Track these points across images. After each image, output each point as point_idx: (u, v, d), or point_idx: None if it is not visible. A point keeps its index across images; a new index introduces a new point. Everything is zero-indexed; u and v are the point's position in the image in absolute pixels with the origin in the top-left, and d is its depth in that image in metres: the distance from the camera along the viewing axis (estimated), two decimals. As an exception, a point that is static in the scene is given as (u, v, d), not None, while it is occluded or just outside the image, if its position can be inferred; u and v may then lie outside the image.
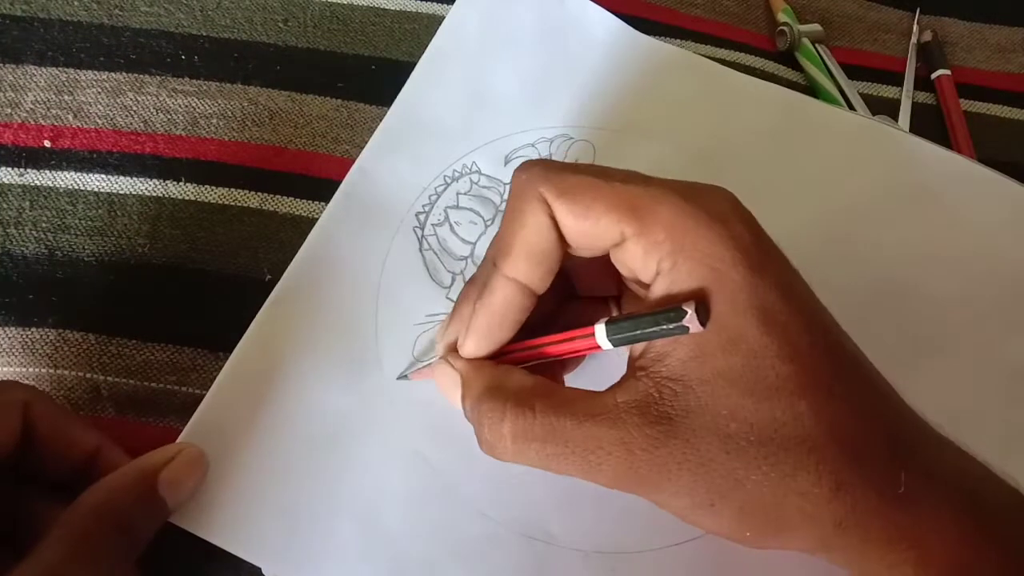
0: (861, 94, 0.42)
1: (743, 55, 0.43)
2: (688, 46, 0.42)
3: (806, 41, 0.43)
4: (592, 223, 0.24)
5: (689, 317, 0.22)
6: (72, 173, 0.36)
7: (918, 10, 0.46)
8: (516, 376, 0.26)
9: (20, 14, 0.39)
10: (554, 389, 0.25)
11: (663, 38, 0.41)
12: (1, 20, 0.39)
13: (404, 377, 0.32)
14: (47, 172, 0.36)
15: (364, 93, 0.39)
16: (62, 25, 0.39)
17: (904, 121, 0.42)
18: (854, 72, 0.43)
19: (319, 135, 0.38)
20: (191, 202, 0.36)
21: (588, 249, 0.25)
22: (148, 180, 0.36)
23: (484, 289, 0.26)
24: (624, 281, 0.28)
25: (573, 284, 0.30)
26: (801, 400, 0.22)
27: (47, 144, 0.36)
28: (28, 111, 0.37)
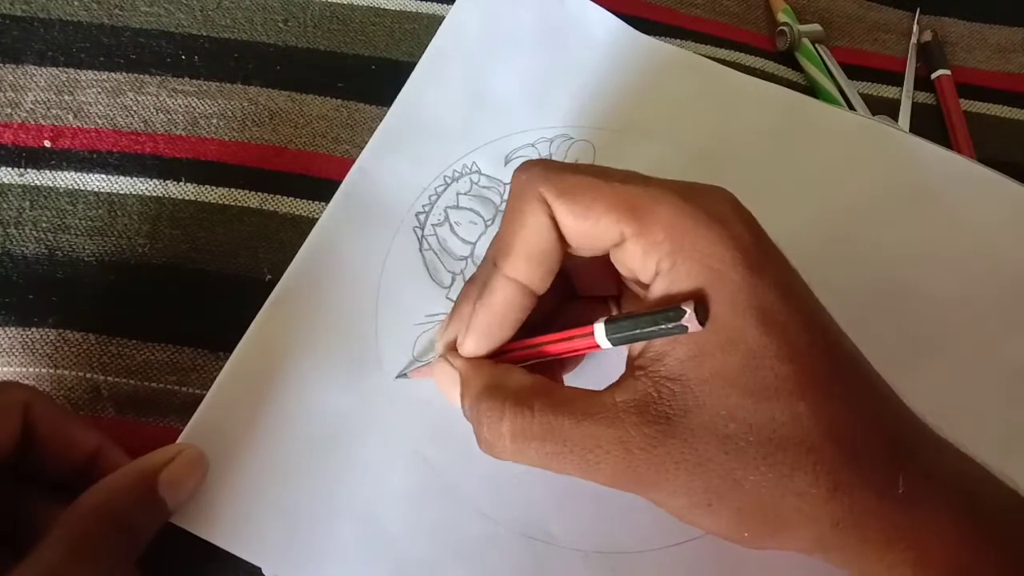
0: (861, 94, 0.42)
1: (743, 55, 0.43)
2: (688, 46, 0.42)
3: (806, 41, 0.43)
4: (592, 223, 0.24)
5: (688, 317, 0.22)
6: (72, 173, 0.36)
7: (918, 10, 0.46)
8: (515, 375, 0.26)
9: (20, 14, 0.40)
10: (553, 388, 0.25)
11: (663, 38, 0.41)
12: (1, 20, 0.39)
13: (403, 375, 0.32)
14: (47, 172, 0.36)
15: (364, 93, 0.39)
16: (62, 25, 0.39)
17: (904, 121, 0.42)
18: (854, 72, 0.43)
19: (319, 135, 0.38)
20: (191, 202, 0.36)
21: (588, 249, 0.25)
22: (148, 180, 0.36)
23: (484, 289, 0.26)
24: (624, 281, 0.28)
25: (573, 284, 0.30)
26: (800, 400, 0.22)
27: (47, 144, 0.37)
28: (28, 111, 0.37)
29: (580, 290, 0.30)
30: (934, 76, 0.44)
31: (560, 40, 0.40)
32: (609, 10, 0.40)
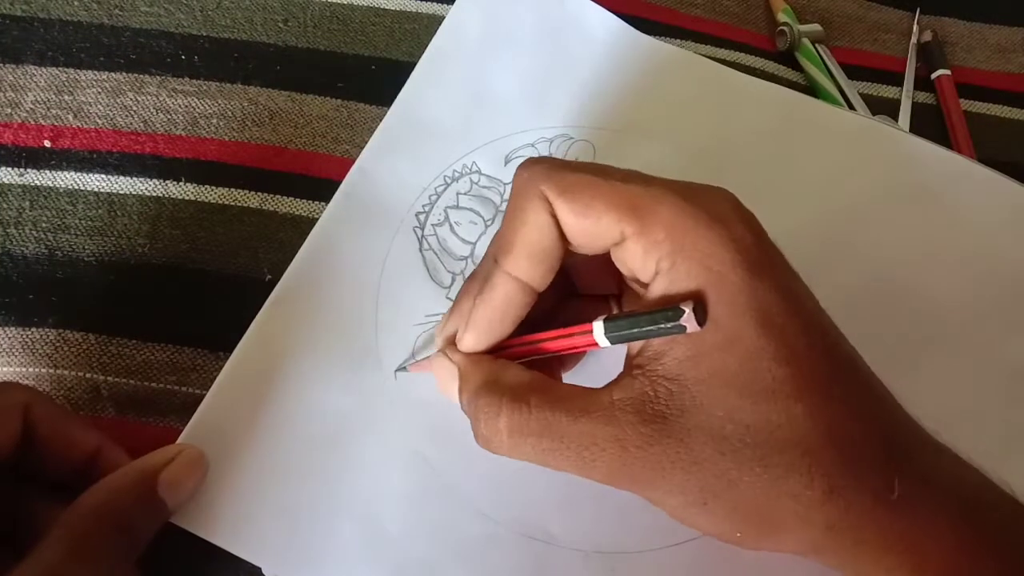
0: (861, 94, 0.42)
1: (743, 55, 0.43)
2: (688, 46, 0.42)
3: (806, 41, 0.43)
4: (592, 222, 0.24)
5: (687, 316, 0.22)
6: (72, 173, 0.36)
7: (918, 10, 0.46)
8: (513, 371, 0.26)
9: (20, 14, 0.40)
10: (551, 385, 0.25)
11: (663, 38, 0.41)
12: (1, 20, 0.39)
13: (403, 369, 0.32)
14: (47, 172, 0.36)
15: (364, 93, 0.39)
16: (62, 25, 0.39)
17: (904, 121, 0.42)
18: (854, 72, 0.43)
19: (319, 135, 0.38)
20: (191, 202, 0.36)
21: (589, 247, 0.25)
22: (148, 180, 0.36)
23: (485, 285, 0.26)
24: (625, 280, 0.28)
25: (574, 282, 0.30)
26: (797, 403, 0.22)
27: (47, 144, 0.37)
28: (28, 111, 0.37)
29: (581, 288, 0.30)
30: (934, 76, 0.44)
31: (560, 40, 0.40)
32: (609, 10, 0.40)
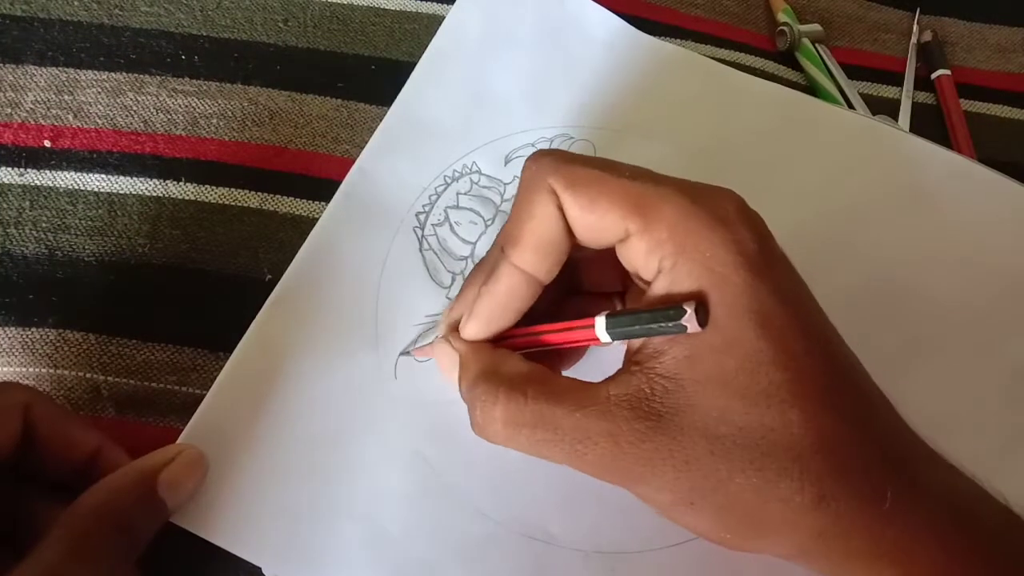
0: (861, 94, 0.42)
1: (743, 55, 0.43)
2: (688, 46, 0.42)
3: (806, 41, 0.43)
4: (597, 217, 0.24)
5: (688, 316, 0.22)
6: (72, 173, 0.36)
7: (918, 10, 0.46)
8: (512, 361, 0.26)
9: (20, 14, 0.39)
10: (548, 377, 0.25)
11: (663, 38, 0.41)
12: (1, 20, 0.39)
13: (407, 354, 0.32)
14: (47, 172, 0.36)
15: (364, 93, 0.39)
16: (62, 25, 0.39)
17: (904, 121, 0.42)
18: (854, 72, 0.43)
19: (319, 135, 0.38)
20: (191, 202, 0.36)
21: (594, 242, 0.25)
22: (148, 180, 0.36)
23: (491, 275, 0.26)
24: (630, 277, 0.28)
25: (579, 278, 0.30)
26: (792, 408, 0.22)
27: (47, 144, 0.36)
28: (28, 111, 0.37)
29: (587, 284, 0.30)
30: (934, 76, 0.44)
31: (560, 40, 0.40)
32: (609, 10, 0.40)
